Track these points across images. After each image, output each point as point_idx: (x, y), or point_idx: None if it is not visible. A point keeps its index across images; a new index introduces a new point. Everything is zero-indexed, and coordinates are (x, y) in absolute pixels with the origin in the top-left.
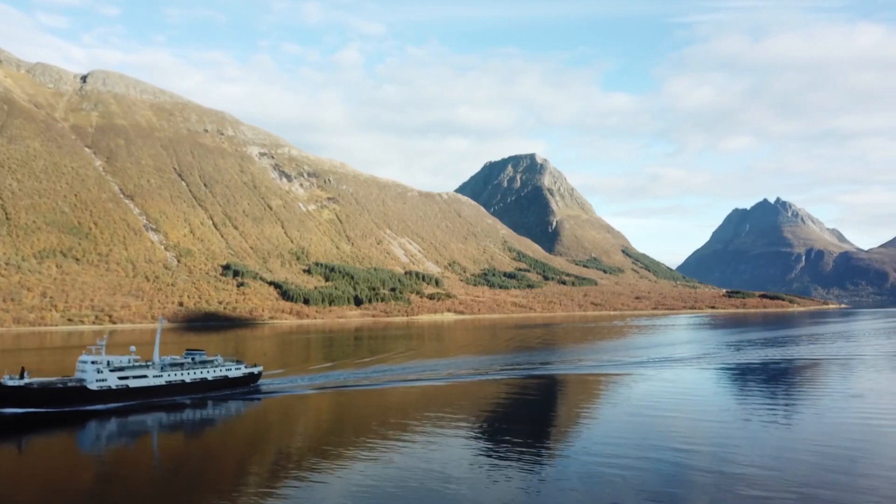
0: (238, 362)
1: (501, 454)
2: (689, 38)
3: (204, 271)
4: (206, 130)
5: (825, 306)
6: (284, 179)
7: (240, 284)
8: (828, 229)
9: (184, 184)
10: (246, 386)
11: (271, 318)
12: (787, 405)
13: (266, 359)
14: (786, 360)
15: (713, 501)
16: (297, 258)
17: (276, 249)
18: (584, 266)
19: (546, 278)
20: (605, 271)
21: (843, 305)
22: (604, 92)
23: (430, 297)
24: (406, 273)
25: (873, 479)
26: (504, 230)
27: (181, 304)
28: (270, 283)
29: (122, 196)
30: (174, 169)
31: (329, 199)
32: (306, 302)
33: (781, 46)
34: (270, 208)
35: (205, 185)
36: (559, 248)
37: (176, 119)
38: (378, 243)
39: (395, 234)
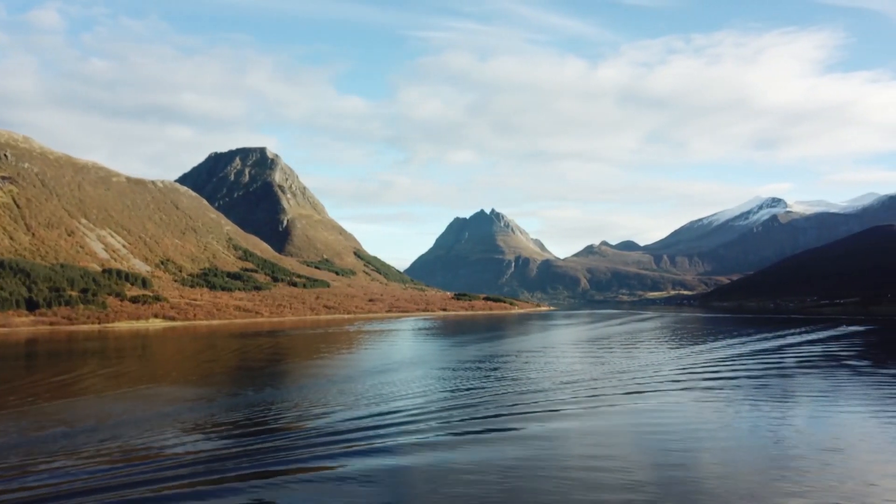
0: None
1: None
2: (423, 49)
3: None
4: None
5: (539, 308)
6: None
7: None
8: (532, 239)
9: None
10: None
11: None
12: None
13: None
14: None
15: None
16: None
17: None
18: (317, 267)
19: (276, 279)
20: (337, 273)
21: (552, 308)
22: (339, 93)
23: (134, 300)
24: (104, 271)
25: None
26: (229, 226)
27: None
28: None
29: None
30: None
31: (4, 178)
32: None
33: (502, 68)
34: None
35: None
36: (290, 248)
37: None
38: (69, 235)
39: (93, 225)
